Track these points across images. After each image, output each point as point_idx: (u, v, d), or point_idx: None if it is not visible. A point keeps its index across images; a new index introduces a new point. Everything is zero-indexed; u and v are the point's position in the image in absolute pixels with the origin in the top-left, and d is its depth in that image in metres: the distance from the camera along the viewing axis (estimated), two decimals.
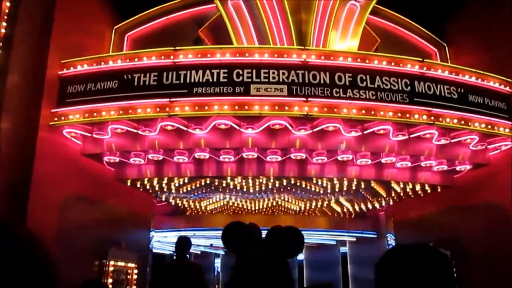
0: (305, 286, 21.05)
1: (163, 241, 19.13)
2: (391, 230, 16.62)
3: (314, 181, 12.17)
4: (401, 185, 12.67)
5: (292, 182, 12.43)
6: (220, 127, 10.24)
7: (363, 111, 10.05)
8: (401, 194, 13.83)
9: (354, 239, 18.84)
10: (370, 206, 15.61)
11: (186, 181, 12.07)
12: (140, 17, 13.18)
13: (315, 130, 10.32)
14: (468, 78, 10.95)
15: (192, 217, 16.84)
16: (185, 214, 16.53)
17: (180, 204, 15.49)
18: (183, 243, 6.39)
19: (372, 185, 12.67)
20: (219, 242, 21.62)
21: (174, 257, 6.47)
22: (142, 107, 9.86)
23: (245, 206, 15.88)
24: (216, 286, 24.93)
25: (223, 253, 23.99)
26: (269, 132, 10.56)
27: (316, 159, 11.31)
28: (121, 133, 10.56)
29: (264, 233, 3.25)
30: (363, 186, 12.68)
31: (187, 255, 6.61)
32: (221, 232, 3.73)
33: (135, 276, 13.12)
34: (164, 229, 17.06)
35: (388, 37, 13.44)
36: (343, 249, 20.59)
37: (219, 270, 25.14)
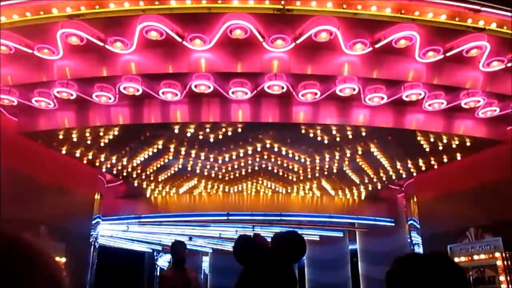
0: None
1: (121, 237, 15.57)
2: (414, 215, 12.72)
3: (303, 131, 8.37)
4: (431, 139, 8.81)
5: (274, 135, 8.66)
6: (152, 39, 6.62)
7: (373, 7, 6.36)
8: (430, 157, 9.96)
9: (366, 228, 14.94)
10: (384, 178, 11.70)
11: (116, 133, 8.40)
12: None
13: (299, 41, 6.64)
14: None
15: (155, 199, 13.17)
16: (146, 197, 12.88)
17: (136, 182, 11.79)
18: (179, 248, 5.85)
19: (389, 138, 8.83)
20: (201, 232, 17.97)
21: (171, 265, 6.10)
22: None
23: (222, 182, 12.12)
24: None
25: (211, 251, 20.35)
26: (229, 49, 6.94)
27: (304, 95, 7.59)
28: (16, 59, 7.01)
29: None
30: (375, 141, 8.85)
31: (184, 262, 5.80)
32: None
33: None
34: (119, 217, 13.40)
35: None
36: (353, 244, 16.71)
37: (206, 271, 21.40)
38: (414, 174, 11.19)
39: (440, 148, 9.13)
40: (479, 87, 7.67)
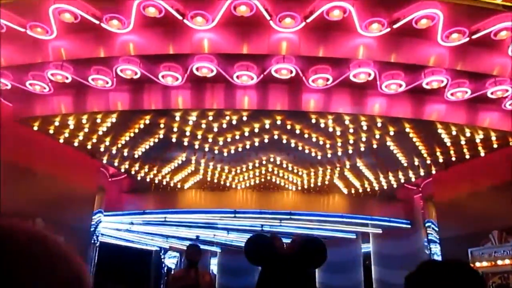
0: None
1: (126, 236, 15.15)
2: (431, 217, 12.01)
3: (314, 122, 7.76)
4: (453, 132, 8.12)
5: (282, 124, 8.06)
6: (150, 16, 6.13)
7: None
8: (450, 153, 9.27)
9: (380, 230, 14.22)
10: (401, 176, 11.01)
11: (114, 120, 7.88)
12: None
13: (309, 20, 6.07)
14: None
15: (161, 195, 12.68)
16: (151, 191, 12.39)
17: (139, 175, 11.30)
18: (192, 252, 5.71)
19: (407, 130, 8.16)
20: (207, 234, 17.43)
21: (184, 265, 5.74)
22: None
23: (228, 179, 11.57)
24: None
25: (220, 250, 19.85)
26: (234, 29, 6.42)
27: (315, 81, 7.01)
28: (9, 39, 6.59)
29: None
30: (392, 133, 8.19)
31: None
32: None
33: None
34: (123, 212, 12.93)
35: None
36: (366, 246, 16.00)
37: (214, 272, 20.88)
38: (433, 171, 10.48)
39: (463, 142, 8.44)
40: (507, 75, 6.98)
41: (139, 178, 11.47)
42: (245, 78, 6.95)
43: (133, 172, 11.08)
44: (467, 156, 9.30)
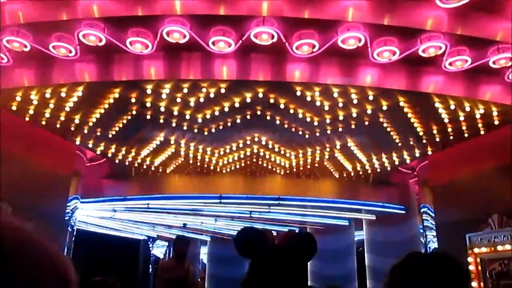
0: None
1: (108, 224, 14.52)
2: (427, 202, 11.41)
3: (299, 95, 7.08)
4: (451, 107, 7.47)
5: (264, 98, 7.37)
6: None
7: None
8: (448, 132, 8.63)
9: (373, 216, 13.63)
10: (395, 158, 10.36)
11: (80, 94, 7.17)
12: None
13: None
14: None
15: (142, 180, 12.01)
16: (132, 176, 11.72)
17: (117, 159, 10.58)
18: (180, 244, 6.07)
19: (401, 105, 7.49)
20: (194, 221, 16.82)
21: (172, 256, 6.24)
22: None
23: (212, 162, 10.88)
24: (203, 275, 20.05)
25: (209, 239, 19.28)
26: None
27: (300, 47, 6.33)
28: None
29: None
30: (384, 108, 7.52)
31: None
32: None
33: None
34: (103, 198, 12.26)
35: None
36: (359, 234, 15.43)
37: (204, 261, 20.32)
38: (429, 152, 9.85)
39: (461, 118, 7.81)
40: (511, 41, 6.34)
41: (117, 161, 10.78)
42: (222, 44, 6.26)
43: (110, 155, 10.39)
44: (466, 135, 8.67)
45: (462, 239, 9.40)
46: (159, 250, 20.88)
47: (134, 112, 8.14)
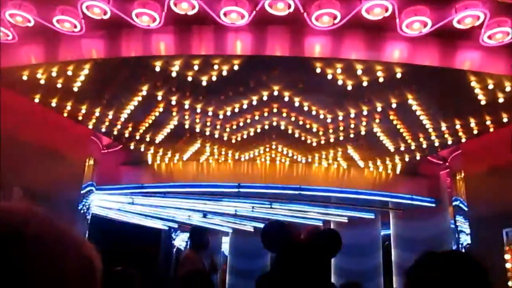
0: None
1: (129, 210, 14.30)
2: (460, 195, 10.63)
3: (319, 72, 6.49)
4: (489, 86, 6.70)
5: (281, 78, 6.81)
6: None
7: None
8: (484, 115, 7.85)
9: (401, 209, 12.89)
10: (425, 145, 9.57)
11: (86, 71, 6.81)
12: None
13: None
14: None
15: (158, 167, 11.67)
16: (148, 164, 11.41)
17: (132, 144, 10.24)
18: (198, 235, 5.88)
19: (431, 84, 6.78)
20: (215, 208, 16.44)
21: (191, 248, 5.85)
22: None
23: (230, 149, 10.39)
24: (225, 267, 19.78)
25: (231, 231, 18.93)
26: None
27: (319, 18, 5.76)
28: None
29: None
30: (413, 87, 6.83)
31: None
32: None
33: None
34: (119, 186, 12.01)
35: None
36: (386, 228, 14.72)
37: (226, 253, 19.98)
38: (463, 139, 9.06)
39: (500, 100, 7.04)
40: None
41: (132, 147, 10.47)
42: (234, 15, 5.76)
43: (124, 140, 10.08)
44: (505, 119, 7.88)
45: (498, 235, 8.72)
46: (180, 241, 20.67)
47: (144, 93, 7.73)
